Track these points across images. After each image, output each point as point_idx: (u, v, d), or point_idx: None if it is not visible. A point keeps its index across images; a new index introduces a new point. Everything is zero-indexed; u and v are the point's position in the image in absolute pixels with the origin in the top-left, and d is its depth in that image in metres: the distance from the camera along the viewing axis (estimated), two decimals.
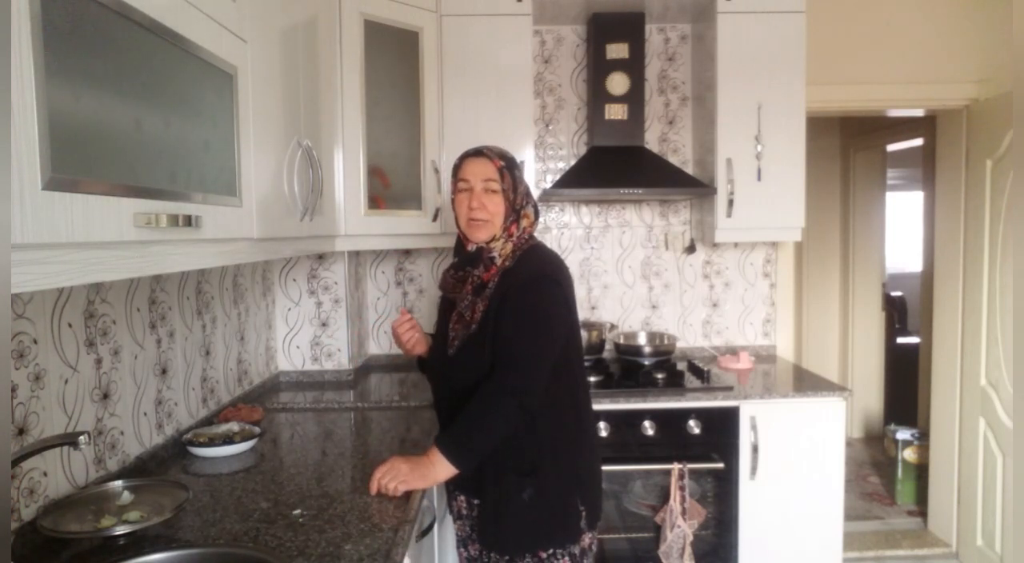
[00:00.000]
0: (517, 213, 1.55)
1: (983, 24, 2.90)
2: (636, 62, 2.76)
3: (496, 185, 1.53)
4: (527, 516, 1.48)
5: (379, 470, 1.48)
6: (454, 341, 1.54)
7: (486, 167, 1.53)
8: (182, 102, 1.09)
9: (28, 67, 0.72)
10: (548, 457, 1.49)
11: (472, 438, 1.44)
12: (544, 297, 1.48)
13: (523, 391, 1.43)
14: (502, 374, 1.44)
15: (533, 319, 1.46)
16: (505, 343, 1.46)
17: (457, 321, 1.55)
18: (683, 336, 3.03)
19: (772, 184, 2.61)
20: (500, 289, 1.49)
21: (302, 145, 1.71)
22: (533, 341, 1.46)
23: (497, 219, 1.53)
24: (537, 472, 1.48)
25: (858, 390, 4.62)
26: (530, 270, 1.50)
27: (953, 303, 3.08)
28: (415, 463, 1.46)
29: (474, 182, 1.53)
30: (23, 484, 1.25)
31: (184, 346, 1.88)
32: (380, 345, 2.99)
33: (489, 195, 1.53)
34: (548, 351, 1.48)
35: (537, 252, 1.56)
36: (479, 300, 1.51)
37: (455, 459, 1.43)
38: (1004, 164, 2.75)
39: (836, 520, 2.42)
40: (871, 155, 4.60)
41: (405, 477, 1.45)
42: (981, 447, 2.90)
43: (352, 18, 2.17)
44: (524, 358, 1.45)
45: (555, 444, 1.51)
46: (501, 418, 1.42)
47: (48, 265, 0.78)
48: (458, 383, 1.53)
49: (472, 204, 1.53)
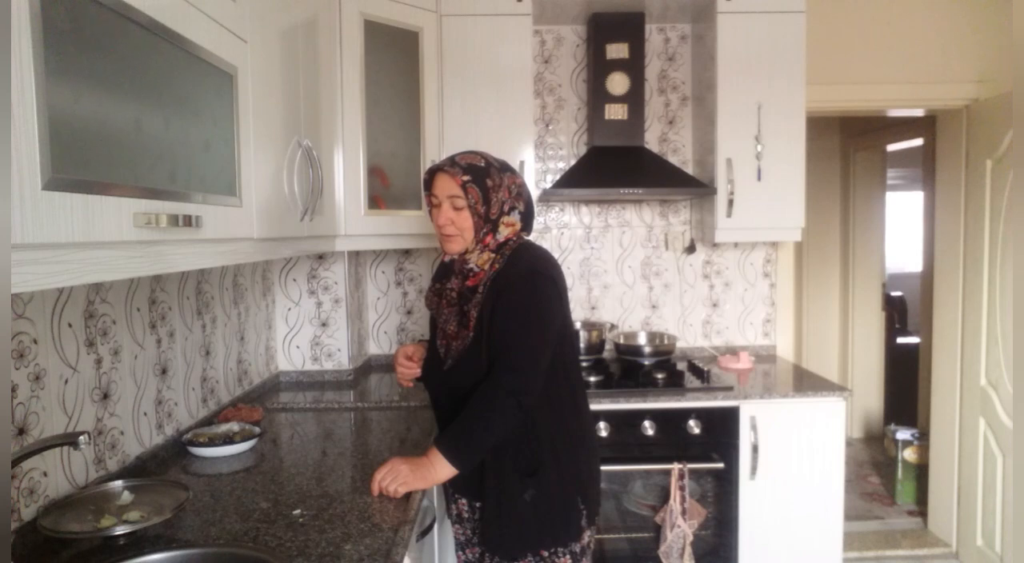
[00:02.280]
0: (493, 223, 1.51)
1: (983, 24, 2.91)
2: (636, 62, 2.76)
3: (461, 202, 1.49)
4: (529, 516, 1.47)
5: (379, 471, 1.47)
6: (446, 355, 1.53)
7: (448, 184, 1.49)
8: (182, 102, 1.09)
9: (28, 67, 0.72)
10: (549, 456, 1.49)
11: (471, 438, 1.44)
12: (538, 293, 1.47)
13: (522, 390, 1.42)
14: (500, 374, 1.43)
15: (527, 316, 1.45)
16: (501, 342, 1.45)
17: (443, 338, 1.54)
18: (683, 336, 3.03)
19: (772, 184, 2.61)
20: (492, 293, 1.47)
21: (302, 145, 1.71)
22: (529, 338, 1.44)
23: (467, 233, 1.51)
24: (538, 472, 1.48)
25: (858, 390, 4.62)
26: (522, 268, 1.48)
27: (953, 303, 3.08)
28: (415, 464, 1.46)
29: (441, 198, 1.51)
30: (23, 484, 1.25)
31: (184, 346, 1.88)
32: (380, 345, 2.99)
33: (456, 212, 1.50)
34: (545, 348, 1.47)
35: (527, 251, 1.54)
36: (470, 307, 1.49)
37: (455, 459, 1.43)
38: (1004, 164, 2.75)
39: (836, 520, 2.42)
40: (871, 155, 4.60)
41: (405, 478, 1.44)
42: (981, 447, 2.90)
43: (352, 18, 2.17)
44: (521, 356, 1.44)
45: (555, 443, 1.50)
46: (500, 417, 1.42)
47: (48, 265, 0.78)
48: (458, 394, 1.52)
49: (440, 220, 1.51)
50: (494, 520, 1.49)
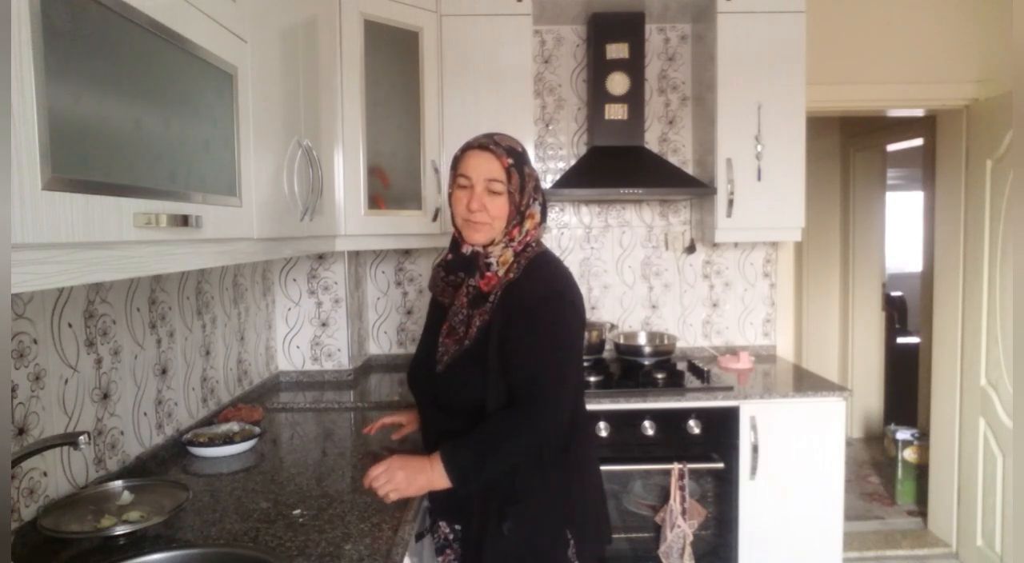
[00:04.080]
0: (521, 215, 1.39)
1: (983, 24, 2.91)
2: (636, 62, 2.76)
3: (501, 187, 1.35)
4: (507, 549, 1.36)
5: (375, 468, 1.38)
6: (443, 356, 1.40)
7: (492, 165, 1.35)
8: (182, 102, 1.09)
9: (28, 67, 0.72)
10: (538, 484, 1.38)
11: (482, 463, 1.32)
12: (561, 320, 1.35)
13: (548, 423, 1.31)
14: (529, 409, 1.31)
15: (552, 346, 1.33)
16: (526, 374, 1.32)
17: (448, 335, 1.40)
18: (683, 336, 3.03)
19: (772, 184, 2.61)
20: (505, 306, 1.34)
21: (302, 145, 1.71)
22: (554, 368, 1.33)
23: (498, 223, 1.37)
24: (522, 500, 1.36)
25: (858, 390, 4.62)
26: (541, 288, 1.35)
27: (953, 303, 3.08)
28: (414, 469, 1.35)
29: (476, 180, 1.36)
30: (23, 484, 1.25)
31: (184, 346, 1.88)
32: (380, 345, 2.99)
33: (492, 196, 1.36)
34: (568, 376, 1.36)
35: (547, 266, 1.40)
36: (476, 313, 1.36)
37: (456, 478, 1.32)
38: (1004, 164, 2.74)
39: (836, 520, 2.42)
40: (871, 155, 4.60)
41: (398, 484, 1.34)
42: (981, 447, 2.90)
43: (352, 18, 2.17)
44: (547, 388, 1.32)
45: (546, 471, 1.39)
46: (517, 450, 1.32)
47: (48, 265, 0.78)
48: (446, 401, 1.42)
49: (472, 205, 1.36)
50: (474, 551, 1.39)
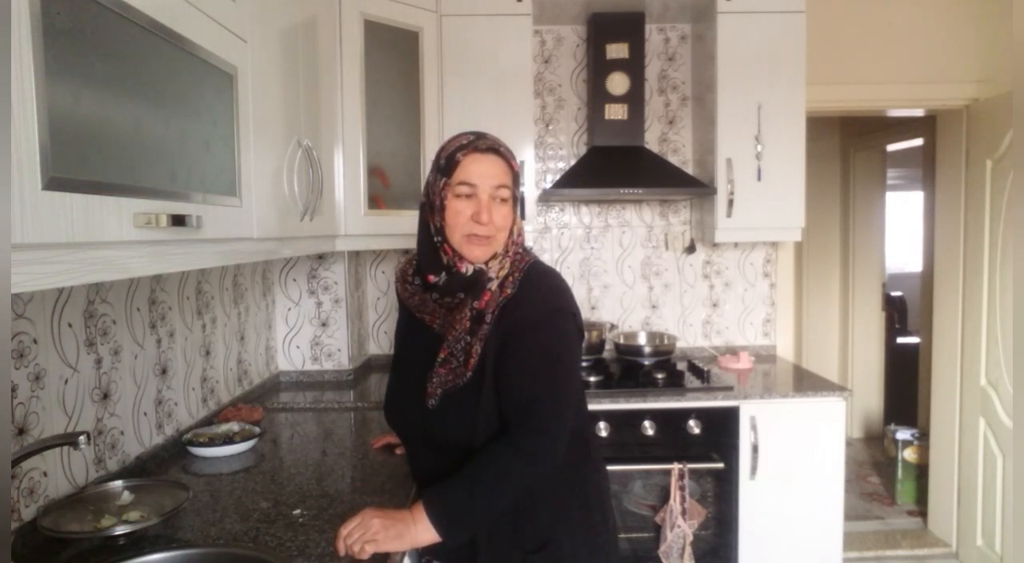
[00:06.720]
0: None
1: (983, 24, 2.91)
2: (636, 62, 2.76)
3: (508, 193, 1.22)
4: None
5: (347, 525, 1.19)
6: (437, 390, 1.22)
7: (499, 169, 1.22)
8: (182, 102, 1.09)
9: (28, 67, 0.72)
10: (561, 527, 1.23)
11: (473, 508, 1.13)
12: (559, 336, 1.21)
13: (546, 454, 1.16)
14: (520, 434, 1.16)
15: (550, 364, 1.19)
16: (518, 395, 1.18)
17: (444, 364, 1.21)
18: (683, 336, 3.03)
19: (772, 184, 2.61)
20: (501, 328, 1.19)
21: (302, 145, 1.71)
22: (553, 391, 1.18)
23: (502, 235, 1.23)
24: (547, 548, 1.21)
25: (858, 390, 4.62)
26: (540, 304, 1.21)
27: (953, 303, 3.08)
28: (392, 520, 1.16)
29: (482, 187, 1.20)
30: (23, 484, 1.25)
31: (184, 346, 1.88)
32: (380, 345, 2.99)
33: (498, 205, 1.22)
34: (569, 399, 1.22)
35: (541, 278, 1.25)
36: (475, 340, 1.19)
37: (445, 529, 1.13)
38: (1004, 164, 2.74)
39: (836, 520, 2.42)
40: (871, 155, 4.60)
41: (374, 536, 1.14)
42: (981, 447, 2.90)
43: (352, 18, 2.17)
44: (545, 413, 1.17)
45: (570, 511, 1.23)
46: (512, 487, 1.15)
47: (48, 265, 0.78)
48: (443, 438, 1.24)
49: (481, 218, 1.19)
50: None
